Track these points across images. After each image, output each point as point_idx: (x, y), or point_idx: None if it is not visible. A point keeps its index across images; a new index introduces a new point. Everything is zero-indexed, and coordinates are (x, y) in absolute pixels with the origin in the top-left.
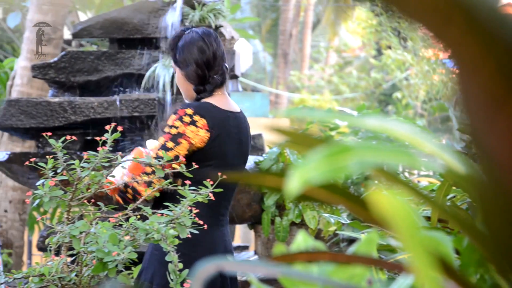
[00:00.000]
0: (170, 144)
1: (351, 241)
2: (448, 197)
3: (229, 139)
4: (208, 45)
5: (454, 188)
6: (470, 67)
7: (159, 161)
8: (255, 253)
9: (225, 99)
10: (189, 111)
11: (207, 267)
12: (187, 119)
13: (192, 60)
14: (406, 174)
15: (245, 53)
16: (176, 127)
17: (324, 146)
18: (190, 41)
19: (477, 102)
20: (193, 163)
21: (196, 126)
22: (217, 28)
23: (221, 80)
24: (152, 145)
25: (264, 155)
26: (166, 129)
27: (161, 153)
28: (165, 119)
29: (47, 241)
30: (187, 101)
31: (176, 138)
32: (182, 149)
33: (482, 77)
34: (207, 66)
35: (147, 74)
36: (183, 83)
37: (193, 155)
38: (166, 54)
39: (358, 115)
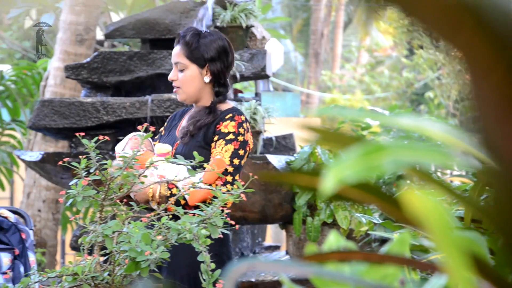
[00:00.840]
0: (241, 152)
1: (383, 241)
2: (482, 197)
3: None
4: (232, 50)
5: (488, 188)
6: (481, 70)
7: (237, 169)
8: (287, 253)
9: None
10: (243, 118)
11: (240, 267)
12: (245, 126)
13: (221, 60)
14: (439, 174)
15: (276, 53)
16: (242, 135)
17: (358, 145)
18: (219, 41)
19: (489, 104)
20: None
21: (249, 133)
22: (248, 28)
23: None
24: (163, 149)
25: (295, 155)
26: (230, 136)
27: (236, 161)
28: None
29: (80, 240)
30: (181, 98)
31: (244, 146)
32: (246, 156)
33: (493, 79)
34: (228, 69)
35: None
36: (198, 82)
37: None
38: None
39: (390, 114)
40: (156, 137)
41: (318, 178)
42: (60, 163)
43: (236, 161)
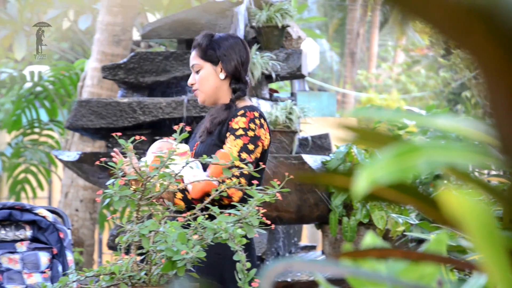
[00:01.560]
0: (251, 147)
1: (420, 242)
2: None
3: None
4: (247, 47)
5: None
6: (493, 73)
7: (245, 163)
8: (323, 253)
9: None
10: (256, 113)
11: (276, 267)
12: (257, 121)
13: (235, 56)
14: (476, 173)
15: (312, 52)
16: (253, 130)
17: (393, 146)
18: (231, 39)
19: (503, 106)
20: (261, 163)
21: (264, 129)
22: (284, 27)
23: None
24: (181, 149)
25: (331, 154)
26: (240, 132)
27: (245, 155)
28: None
29: (117, 240)
30: (200, 99)
31: (255, 141)
32: (259, 152)
33: (507, 82)
34: (244, 66)
35: None
36: (213, 80)
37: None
38: None
39: (427, 114)
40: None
41: (354, 179)
42: (97, 163)
43: (244, 155)
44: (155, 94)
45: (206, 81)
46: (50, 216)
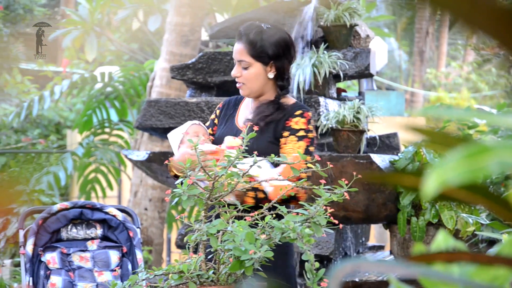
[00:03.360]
0: (311, 149)
1: (491, 242)
2: None
3: None
4: (294, 44)
5: None
6: None
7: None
8: (391, 253)
9: None
10: (310, 114)
11: (345, 267)
12: (313, 123)
13: (285, 56)
14: None
15: (380, 51)
16: (311, 131)
17: (463, 146)
18: (281, 36)
19: None
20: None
21: (314, 130)
22: (352, 26)
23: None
24: (234, 142)
25: (399, 154)
26: (302, 133)
27: (308, 158)
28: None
29: (185, 239)
30: (245, 93)
31: (313, 143)
32: (314, 153)
33: None
34: (290, 63)
35: None
36: (262, 78)
37: None
38: (301, 54)
39: (498, 113)
40: (207, 124)
41: (423, 178)
42: (166, 162)
43: (308, 158)
44: (222, 94)
45: (255, 80)
46: (120, 215)
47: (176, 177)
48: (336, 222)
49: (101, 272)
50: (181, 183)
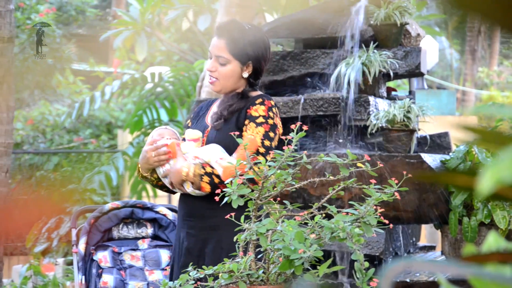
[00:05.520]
0: (271, 134)
1: None
2: None
3: None
4: (269, 44)
5: None
6: None
7: (267, 151)
8: (442, 253)
9: None
10: (272, 102)
11: (396, 267)
12: (274, 110)
13: (263, 57)
14: None
15: (431, 50)
16: (272, 118)
17: None
18: (260, 37)
19: None
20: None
21: (278, 118)
22: (402, 25)
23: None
24: (193, 135)
25: (450, 153)
26: (261, 119)
27: (267, 142)
28: (346, 117)
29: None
30: (217, 89)
31: (274, 129)
32: (277, 140)
33: None
34: (266, 63)
35: (334, 73)
36: (237, 77)
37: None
38: (350, 53)
39: None
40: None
41: (475, 178)
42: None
43: (267, 143)
44: (271, 93)
45: (230, 77)
46: (170, 214)
47: (144, 177)
48: (387, 222)
49: (151, 271)
50: (231, 182)
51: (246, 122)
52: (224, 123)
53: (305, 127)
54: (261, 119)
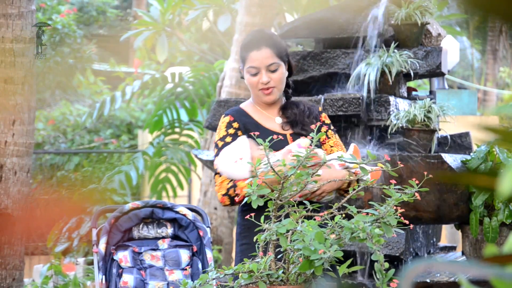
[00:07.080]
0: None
1: None
2: None
3: None
4: None
5: None
6: None
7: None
8: (463, 254)
9: None
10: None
11: (416, 267)
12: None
13: (288, 52)
14: None
15: (452, 50)
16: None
17: None
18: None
19: None
20: None
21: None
22: (423, 25)
23: None
24: (305, 143)
25: (471, 154)
26: (331, 127)
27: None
28: (368, 118)
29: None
30: (274, 98)
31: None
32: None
33: None
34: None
35: (354, 73)
36: (284, 77)
37: None
38: (371, 53)
39: None
40: (228, 141)
41: (496, 178)
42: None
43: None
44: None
45: (283, 80)
46: (190, 214)
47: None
48: (407, 222)
49: (172, 271)
50: (251, 182)
51: (325, 128)
52: (302, 131)
53: (324, 128)
54: (331, 126)
